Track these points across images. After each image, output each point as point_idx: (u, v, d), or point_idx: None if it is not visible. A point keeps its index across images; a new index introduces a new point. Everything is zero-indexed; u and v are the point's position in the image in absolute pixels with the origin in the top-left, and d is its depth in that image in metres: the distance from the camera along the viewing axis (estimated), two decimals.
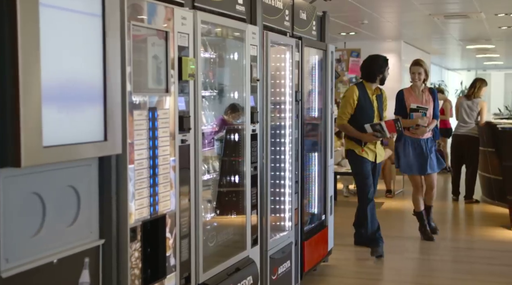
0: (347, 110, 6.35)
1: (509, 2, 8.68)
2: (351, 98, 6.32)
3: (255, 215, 4.38)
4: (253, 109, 4.32)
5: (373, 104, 6.38)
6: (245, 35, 4.17)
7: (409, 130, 6.94)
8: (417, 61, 7.11)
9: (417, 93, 7.04)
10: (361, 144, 6.31)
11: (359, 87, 6.43)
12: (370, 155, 6.38)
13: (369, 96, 6.37)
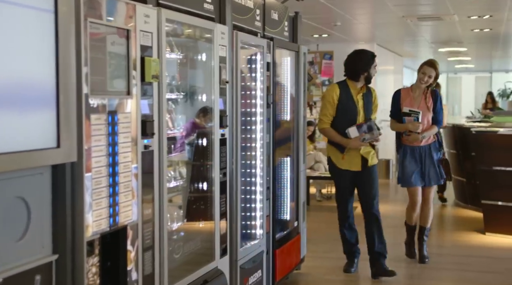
0: (328, 112, 5.62)
1: (482, 4, 8.63)
2: (331, 97, 5.59)
3: (225, 223, 4.18)
4: (222, 112, 4.13)
5: (357, 104, 5.62)
6: (213, 35, 3.97)
7: (403, 136, 6.23)
8: (432, 62, 6.17)
9: (416, 95, 6.16)
10: (342, 151, 5.62)
11: (341, 85, 5.70)
12: (353, 164, 5.65)
13: (352, 95, 5.62)
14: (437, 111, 6.16)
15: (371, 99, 5.74)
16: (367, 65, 5.63)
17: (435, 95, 6.19)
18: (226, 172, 4.20)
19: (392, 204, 9.82)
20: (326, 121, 5.63)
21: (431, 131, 6.13)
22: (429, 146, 6.19)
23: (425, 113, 6.08)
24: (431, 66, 6.08)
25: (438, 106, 6.17)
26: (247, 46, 4.70)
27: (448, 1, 8.34)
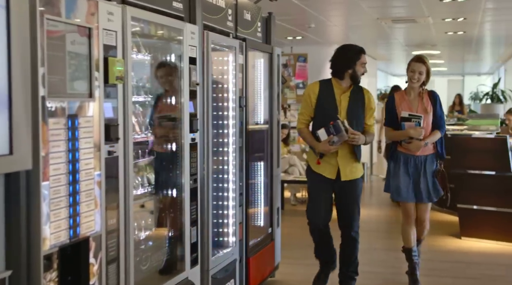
0: (305, 111, 5.04)
1: (456, 7, 8.58)
2: (307, 96, 5.01)
3: (195, 231, 4.00)
4: (192, 116, 3.95)
5: (339, 105, 4.93)
6: (183, 34, 3.80)
7: (401, 144, 5.41)
8: (419, 57, 5.45)
9: (412, 97, 5.43)
10: (320, 155, 4.98)
11: (323, 83, 5.04)
12: (328, 171, 4.97)
13: (334, 95, 4.95)
14: (438, 114, 5.41)
15: (361, 101, 5.00)
16: (351, 61, 4.94)
17: (434, 96, 5.43)
18: (196, 178, 4.03)
19: (368, 208, 9.72)
20: (302, 121, 5.08)
21: (433, 137, 5.36)
22: (426, 158, 5.40)
23: (426, 117, 5.37)
24: (419, 61, 5.37)
25: (438, 109, 5.42)
26: (218, 47, 4.53)
27: (423, 3, 8.27)
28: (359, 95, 5.02)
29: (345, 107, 4.94)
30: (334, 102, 4.94)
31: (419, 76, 5.34)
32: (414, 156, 5.39)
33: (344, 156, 4.94)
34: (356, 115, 4.96)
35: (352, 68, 4.95)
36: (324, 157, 4.94)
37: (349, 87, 5.01)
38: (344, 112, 4.92)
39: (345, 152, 4.94)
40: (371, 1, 8.29)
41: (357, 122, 4.95)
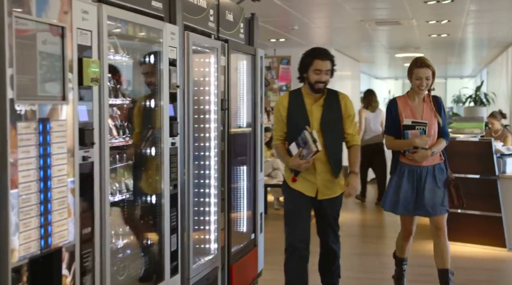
0: (278, 127, 4.63)
1: (441, 9, 8.52)
2: (278, 111, 4.62)
3: (175, 239, 3.86)
4: (172, 119, 3.82)
5: (311, 116, 4.49)
6: (162, 35, 3.66)
7: (405, 154, 4.96)
8: (423, 62, 4.92)
9: (416, 103, 4.96)
10: (295, 173, 4.55)
11: (293, 94, 4.64)
12: (306, 188, 4.55)
13: (305, 105, 4.53)
14: (443, 121, 4.99)
15: (337, 108, 4.53)
16: (303, 67, 4.54)
17: (438, 102, 4.99)
18: (177, 184, 3.89)
19: (351, 212, 9.64)
20: (277, 137, 4.66)
21: (440, 145, 4.94)
22: (433, 168, 4.96)
23: (432, 124, 4.92)
24: (423, 66, 4.87)
25: (443, 116, 4.99)
26: (200, 48, 4.40)
27: (407, 5, 8.20)
28: (334, 102, 4.54)
29: (318, 117, 4.48)
30: (304, 114, 4.50)
31: (426, 82, 4.88)
32: (420, 167, 4.94)
33: (322, 171, 4.50)
34: (332, 126, 4.50)
35: (306, 73, 4.53)
36: (302, 173, 4.50)
37: (322, 94, 4.55)
38: (317, 124, 4.46)
39: (323, 167, 4.51)
40: (355, 3, 8.21)
41: (334, 133, 4.50)
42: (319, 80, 4.46)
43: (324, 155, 4.44)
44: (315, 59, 4.48)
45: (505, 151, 7.25)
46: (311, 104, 4.53)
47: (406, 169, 4.96)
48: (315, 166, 4.47)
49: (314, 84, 4.46)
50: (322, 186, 4.53)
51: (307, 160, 4.34)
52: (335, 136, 4.54)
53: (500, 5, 8.62)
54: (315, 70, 4.46)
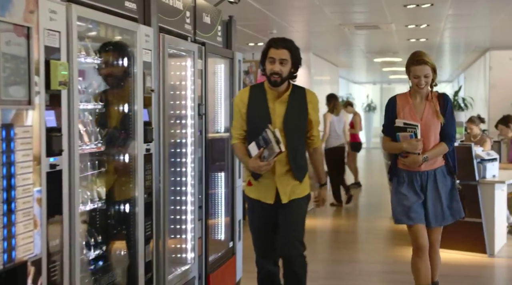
0: (237, 124, 4.11)
1: (420, 13, 8.49)
2: (236, 106, 4.11)
3: (150, 249, 3.71)
4: (146, 125, 3.67)
5: (273, 114, 3.96)
6: (136, 37, 3.52)
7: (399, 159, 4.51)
8: (419, 58, 4.35)
9: (417, 102, 4.43)
10: (254, 175, 4.05)
11: (255, 89, 4.10)
12: (263, 194, 4.03)
13: (267, 101, 3.99)
14: (448, 122, 4.41)
15: (303, 106, 4.02)
16: (262, 57, 4.05)
17: (445, 100, 4.43)
18: (151, 192, 3.75)
19: (329, 218, 9.56)
20: (235, 136, 4.13)
21: (437, 150, 4.38)
22: (434, 172, 4.43)
23: (431, 126, 4.38)
24: (420, 63, 4.32)
25: (449, 116, 4.42)
26: (176, 51, 4.27)
27: (386, 9, 8.15)
28: (300, 100, 4.01)
29: (281, 115, 3.96)
30: (266, 111, 3.97)
31: (426, 80, 4.32)
32: (419, 173, 4.41)
33: (282, 174, 3.99)
34: (295, 125, 3.98)
35: (263, 65, 4.01)
36: (261, 177, 4.00)
37: (286, 90, 4.02)
38: (279, 122, 3.95)
39: (283, 170, 3.99)
40: (334, 6, 8.14)
41: (297, 133, 4.01)
42: (273, 71, 3.89)
43: (285, 156, 3.93)
44: (270, 47, 3.97)
45: (485, 156, 7.19)
46: (274, 100, 3.98)
47: (405, 175, 4.45)
48: (274, 169, 3.95)
49: (269, 76, 3.91)
50: (283, 189, 3.99)
51: (268, 162, 3.83)
52: (299, 137, 4.03)
53: (478, 9, 8.62)
54: (269, 58, 3.94)
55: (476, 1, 8.08)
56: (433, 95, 4.42)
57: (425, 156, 4.35)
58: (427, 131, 4.38)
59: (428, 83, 4.35)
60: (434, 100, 4.40)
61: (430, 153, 4.37)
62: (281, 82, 3.94)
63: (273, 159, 3.83)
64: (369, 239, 8.27)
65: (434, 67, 4.36)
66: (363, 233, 8.72)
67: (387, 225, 9.03)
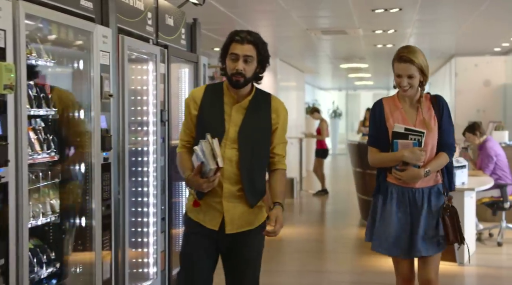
0: (185, 128, 3.22)
1: (387, 18, 8.41)
2: (187, 106, 3.21)
3: (108, 266, 3.47)
4: (104, 132, 3.44)
5: (227, 121, 3.13)
6: (92, 38, 3.28)
7: (391, 172, 3.64)
8: (404, 54, 3.56)
9: (408, 105, 3.68)
10: (197, 194, 3.12)
11: (211, 89, 3.22)
12: (207, 217, 3.11)
13: (222, 105, 3.16)
14: (445, 129, 3.66)
15: (267, 115, 3.19)
16: (222, 54, 3.20)
17: (439, 104, 3.68)
18: (110, 204, 3.51)
19: (296, 226, 9.38)
20: (181, 143, 3.23)
21: (438, 162, 3.62)
22: (429, 191, 3.65)
23: (430, 134, 3.64)
24: (402, 60, 3.56)
25: (446, 122, 3.66)
26: (137, 54, 4.04)
27: (354, 14, 8.04)
28: (263, 107, 3.20)
29: (237, 123, 3.13)
30: (220, 116, 3.15)
31: (410, 81, 3.57)
32: (413, 189, 3.63)
33: (231, 195, 3.09)
34: (255, 137, 3.15)
35: (224, 63, 3.18)
36: (206, 196, 3.10)
37: (248, 94, 3.19)
38: (234, 131, 3.12)
39: (233, 190, 3.09)
40: (302, 11, 8.00)
41: (255, 147, 3.14)
42: (235, 70, 3.09)
43: (236, 174, 3.08)
44: (233, 41, 3.14)
45: (454, 163, 7.10)
46: (231, 105, 3.16)
47: (394, 191, 3.63)
48: (222, 187, 3.09)
49: (230, 76, 3.12)
50: (231, 214, 3.10)
51: (209, 179, 2.98)
52: (257, 152, 3.16)
53: (445, 15, 8.59)
54: (231, 54, 3.12)
55: (443, 6, 8.04)
56: (425, 99, 3.66)
57: (427, 170, 3.54)
58: (430, 140, 3.60)
59: (414, 86, 3.59)
60: (426, 104, 3.65)
61: (432, 165, 3.56)
62: (244, 84, 3.14)
63: (215, 176, 2.98)
64: (337, 248, 8.11)
65: (421, 68, 3.58)
66: (331, 241, 8.56)
67: (355, 233, 8.90)
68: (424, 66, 3.58)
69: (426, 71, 3.59)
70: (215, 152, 2.96)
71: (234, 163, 3.06)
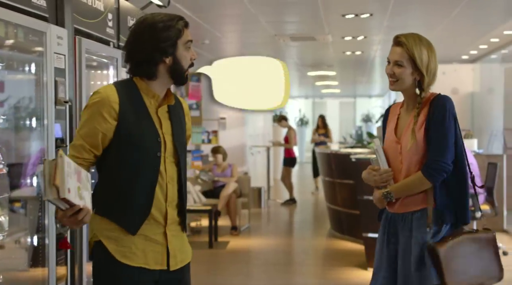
0: (88, 143, 2.43)
1: (357, 24, 8.28)
2: (99, 114, 2.42)
3: (63, 283, 3.18)
4: (59, 142, 3.16)
5: (160, 128, 2.52)
6: (45, 39, 3.00)
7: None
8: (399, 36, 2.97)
9: (405, 109, 3.03)
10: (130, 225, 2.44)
11: (124, 90, 2.50)
12: (152, 256, 2.47)
13: (147, 109, 2.52)
14: (433, 138, 2.87)
15: (183, 120, 2.65)
16: (167, 41, 2.48)
17: (435, 107, 2.87)
18: None
19: (264, 237, 9.16)
20: (77, 161, 2.36)
21: (406, 183, 2.92)
22: (411, 217, 2.91)
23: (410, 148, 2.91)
24: (395, 42, 2.97)
25: (433, 128, 2.87)
26: (96, 58, 3.77)
27: (324, 19, 7.89)
28: (180, 111, 2.65)
29: (169, 131, 2.54)
30: (151, 125, 2.50)
31: (396, 71, 2.92)
32: (394, 214, 2.99)
33: (174, 221, 2.54)
34: (185, 147, 2.64)
35: (171, 55, 2.49)
36: (143, 228, 2.45)
37: (167, 95, 2.58)
38: (170, 142, 2.52)
39: (174, 215, 2.54)
40: (271, 16, 7.82)
41: (185, 161, 2.62)
42: (192, 62, 2.56)
43: (176, 195, 2.54)
44: (186, 27, 2.57)
45: None
46: (155, 108, 2.53)
47: (384, 216, 3.06)
48: (165, 213, 2.50)
49: (186, 69, 2.54)
50: (173, 245, 2.52)
51: (65, 215, 2.24)
52: (186, 165, 2.64)
53: (414, 22, 8.56)
54: (188, 42, 2.54)
55: (413, 14, 7.97)
56: (423, 103, 2.93)
57: (386, 192, 2.94)
58: (407, 156, 2.92)
59: (403, 80, 2.92)
60: (423, 109, 2.91)
61: (396, 187, 2.94)
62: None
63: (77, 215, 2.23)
64: (306, 259, 7.90)
65: (413, 57, 2.89)
66: (300, 253, 8.34)
67: (325, 244, 8.72)
68: (419, 57, 2.89)
69: (421, 65, 2.89)
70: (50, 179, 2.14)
71: (175, 181, 2.52)
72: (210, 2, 7.02)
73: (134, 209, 2.41)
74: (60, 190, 2.13)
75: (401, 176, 2.95)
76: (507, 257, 7.09)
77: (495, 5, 7.63)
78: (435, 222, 2.88)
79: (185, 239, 2.60)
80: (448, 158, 2.86)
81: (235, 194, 8.94)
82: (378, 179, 2.97)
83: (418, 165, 2.91)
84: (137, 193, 2.41)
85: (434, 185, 2.87)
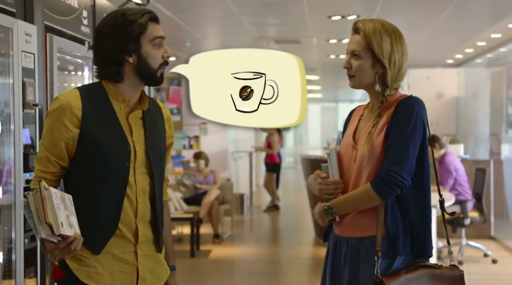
0: (53, 154, 2.19)
1: (343, 26, 8.10)
2: (60, 122, 2.18)
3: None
4: (28, 148, 2.89)
5: (129, 136, 2.26)
6: (11, 36, 2.74)
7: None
8: (356, 22, 2.47)
9: (369, 111, 2.53)
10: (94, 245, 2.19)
11: (89, 95, 2.24)
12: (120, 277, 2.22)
13: (115, 115, 2.26)
14: (390, 144, 2.35)
15: (161, 125, 2.38)
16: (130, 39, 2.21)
17: (399, 110, 2.38)
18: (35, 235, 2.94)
19: (247, 245, 8.94)
20: (38, 174, 2.20)
21: (349, 197, 2.39)
22: (359, 244, 2.39)
23: (365, 157, 2.40)
24: (353, 29, 2.49)
25: (393, 133, 2.36)
26: (69, 58, 3.52)
27: (309, 21, 7.74)
28: (156, 114, 2.37)
29: (141, 139, 2.28)
30: (119, 133, 2.25)
31: (354, 63, 2.43)
32: (340, 238, 2.45)
33: (146, 239, 2.28)
34: (162, 157, 2.35)
35: (134, 53, 2.22)
36: (110, 246, 2.21)
37: (141, 99, 2.32)
38: (142, 151, 2.27)
39: (147, 232, 2.29)
40: (254, 17, 7.64)
41: (163, 172, 2.37)
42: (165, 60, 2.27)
43: (149, 210, 2.28)
44: (152, 21, 2.25)
45: None
46: (125, 114, 2.28)
47: (331, 235, 2.53)
48: (135, 229, 2.25)
49: (154, 68, 2.25)
50: (144, 266, 2.27)
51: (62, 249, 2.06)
52: (163, 177, 2.38)
53: (400, 26, 8.32)
54: (156, 38, 2.25)
55: (399, 17, 7.84)
56: (387, 105, 2.44)
57: (327, 206, 2.39)
58: (358, 163, 2.41)
59: (362, 74, 2.43)
60: (387, 112, 2.41)
61: (338, 201, 2.39)
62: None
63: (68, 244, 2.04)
64: (292, 269, 7.67)
65: (371, 44, 2.39)
66: (286, 262, 8.12)
67: (310, 252, 8.52)
68: (378, 46, 2.38)
69: (381, 55, 2.38)
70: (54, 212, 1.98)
71: (148, 195, 2.26)
72: (191, 2, 6.80)
73: (99, 225, 2.18)
74: (54, 227, 1.98)
75: (350, 188, 2.41)
76: (497, 265, 6.92)
77: (482, 7, 7.53)
78: (385, 252, 2.32)
79: (160, 260, 2.32)
80: (406, 170, 2.30)
81: (217, 201, 8.71)
82: (323, 189, 2.41)
83: (369, 177, 2.35)
84: (103, 207, 2.18)
85: (386, 203, 2.33)
